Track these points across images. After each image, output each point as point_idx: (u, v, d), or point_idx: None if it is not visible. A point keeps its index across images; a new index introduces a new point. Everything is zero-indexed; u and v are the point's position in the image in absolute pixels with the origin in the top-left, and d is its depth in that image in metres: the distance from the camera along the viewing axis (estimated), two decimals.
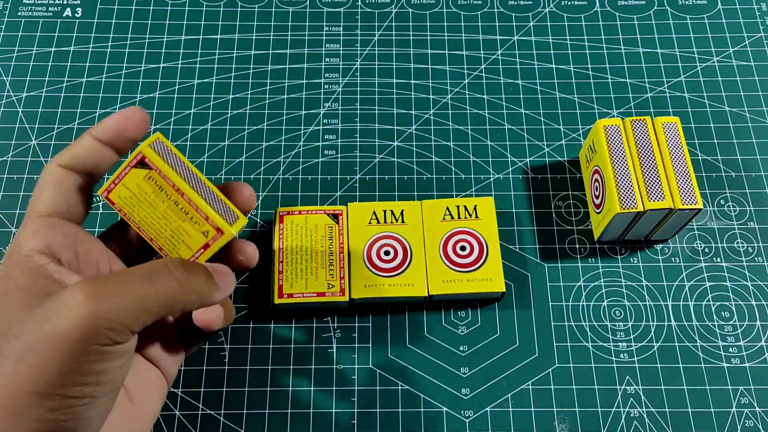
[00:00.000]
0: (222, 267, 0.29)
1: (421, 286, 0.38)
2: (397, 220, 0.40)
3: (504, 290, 0.39)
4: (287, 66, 0.49)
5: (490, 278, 0.39)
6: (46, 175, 0.29)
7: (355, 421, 0.37)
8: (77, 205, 0.29)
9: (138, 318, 0.25)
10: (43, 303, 0.24)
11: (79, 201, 0.29)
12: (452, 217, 0.40)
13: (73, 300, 0.23)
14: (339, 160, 0.45)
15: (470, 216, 0.40)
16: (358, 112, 0.47)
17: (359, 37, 0.50)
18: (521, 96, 0.47)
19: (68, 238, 0.28)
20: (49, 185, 0.28)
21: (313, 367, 0.39)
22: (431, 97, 0.47)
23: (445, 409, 0.38)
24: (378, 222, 0.40)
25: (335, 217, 0.40)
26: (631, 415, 0.38)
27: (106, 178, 0.31)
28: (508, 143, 0.46)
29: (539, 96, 0.47)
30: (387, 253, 0.39)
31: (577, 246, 0.42)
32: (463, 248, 0.39)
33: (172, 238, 0.30)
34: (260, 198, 0.44)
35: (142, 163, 0.30)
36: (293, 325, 0.40)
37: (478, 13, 0.51)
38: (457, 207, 0.41)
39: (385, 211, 0.40)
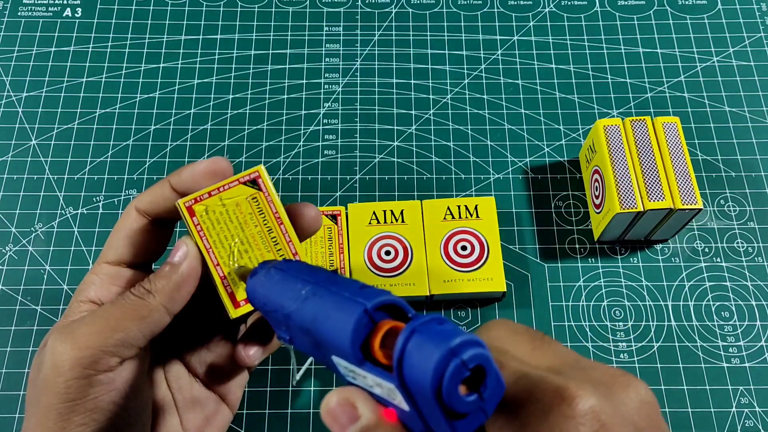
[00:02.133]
0: (178, 243, 0.28)
1: (422, 286, 0.38)
2: (397, 220, 0.40)
3: (505, 290, 0.39)
4: (287, 66, 0.49)
5: (491, 278, 0.39)
6: (124, 220, 0.29)
7: None
8: (147, 251, 0.29)
9: (114, 351, 0.25)
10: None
11: (151, 245, 0.29)
12: (453, 217, 0.40)
13: (51, 350, 0.25)
14: (339, 160, 0.45)
15: (471, 216, 0.40)
16: (358, 112, 0.47)
17: (359, 37, 0.50)
18: (521, 96, 0.47)
19: (126, 287, 0.29)
20: (121, 231, 0.28)
21: (313, 367, 0.39)
22: (431, 97, 0.47)
23: None
24: (378, 222, 0.40)
25: (334, 217, 0.40)
26: None
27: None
28: (508, 143, 0.46)
29: (539, 96, 0.47)
30: (387, 253, 0.39)
31: (577, 246, 0.42)
32: (464, 248, 0.39)
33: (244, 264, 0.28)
34: None
35: (253, 182, 0.28)
36: None
37: (478, 13, 0.51)
38: (458, 207, 0.41)
39: (385, 211, 0.40)
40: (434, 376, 0.16)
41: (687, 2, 0.51)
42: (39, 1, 0.51)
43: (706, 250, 0.42)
